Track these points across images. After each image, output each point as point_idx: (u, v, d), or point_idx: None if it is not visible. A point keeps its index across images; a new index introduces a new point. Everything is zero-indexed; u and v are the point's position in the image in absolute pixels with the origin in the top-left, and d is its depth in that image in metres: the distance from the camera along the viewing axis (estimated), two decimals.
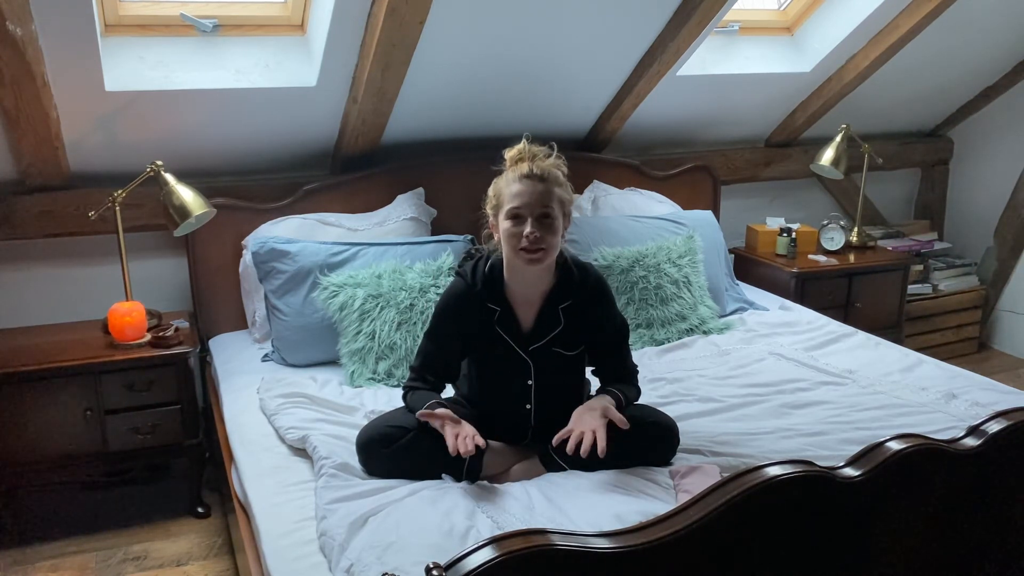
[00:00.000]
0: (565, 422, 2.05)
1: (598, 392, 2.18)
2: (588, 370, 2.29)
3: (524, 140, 2.08)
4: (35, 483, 2.70)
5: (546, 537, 1.29)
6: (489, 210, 2.11)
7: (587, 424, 1.98)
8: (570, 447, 1.95)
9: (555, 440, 2.00)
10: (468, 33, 2.81)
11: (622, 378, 2.20)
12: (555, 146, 2.12)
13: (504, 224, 2.04)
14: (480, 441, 1.96)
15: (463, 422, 2.00)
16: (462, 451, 1.92)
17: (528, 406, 2.15)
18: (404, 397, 2.15)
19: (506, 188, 2.04)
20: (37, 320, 2.96)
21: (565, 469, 2.04)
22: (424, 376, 2.15)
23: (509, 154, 2.09)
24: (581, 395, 2.25)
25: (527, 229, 1.99)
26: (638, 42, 3.11)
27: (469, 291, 2.13)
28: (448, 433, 1.96)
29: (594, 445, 1.94)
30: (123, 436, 2.69)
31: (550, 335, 2.12)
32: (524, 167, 2.03)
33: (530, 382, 2.14)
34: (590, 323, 2.15)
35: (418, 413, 2.02)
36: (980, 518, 1.67)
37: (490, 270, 2.13)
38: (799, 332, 3.04)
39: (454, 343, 2.16)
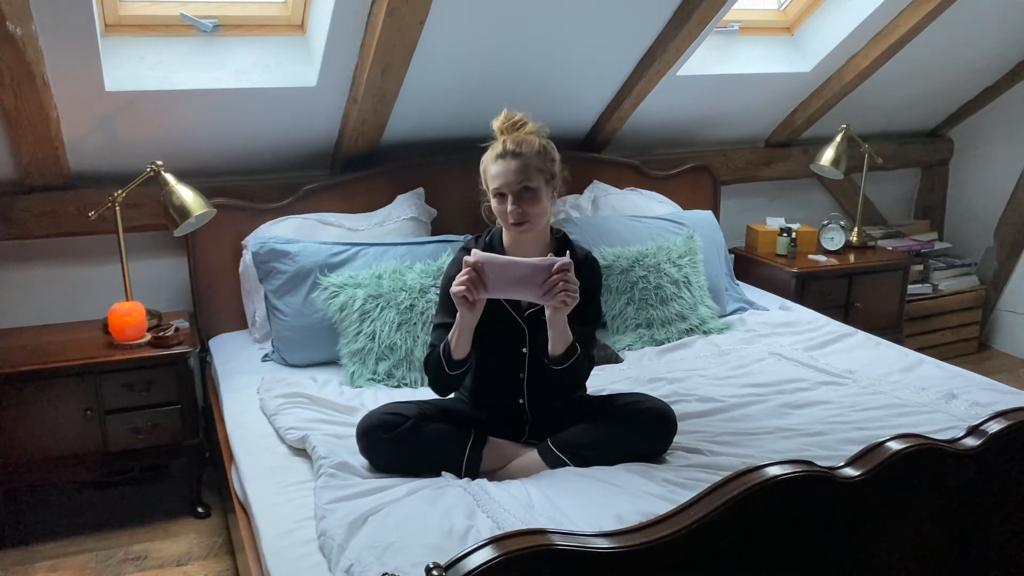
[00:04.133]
0: (559, 414, 2.11)
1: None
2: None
3: (505, 110, 2.18)
4: (35, 483, 2.70)
5: (546, 537, 1.29)
6: (483, 184, 2.20)
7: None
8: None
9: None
10: (468, 33, 2.81)
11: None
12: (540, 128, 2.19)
13: (492, 201, 2.16)
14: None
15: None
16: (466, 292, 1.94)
17: (521, 375, 2.17)
18: (427, 362, 2.15)
19: (488, 168, 2.15)
20: (37, 320, 2.96)
21: (564, 464, 2.05)
22: None
23: (496, 124, 2.19)
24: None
25: (509, 207, 2.09)
26: (638, 42, 3.11)
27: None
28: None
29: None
30: (123, 436, 2.69)
31: None
32: (499, 146, 2.13)
33: (524, 350, 2.16)
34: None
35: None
36: (980, 518, 1.67)
37: (490, 239, 2.23)
38: (799, 332, 3.04)
39: None
